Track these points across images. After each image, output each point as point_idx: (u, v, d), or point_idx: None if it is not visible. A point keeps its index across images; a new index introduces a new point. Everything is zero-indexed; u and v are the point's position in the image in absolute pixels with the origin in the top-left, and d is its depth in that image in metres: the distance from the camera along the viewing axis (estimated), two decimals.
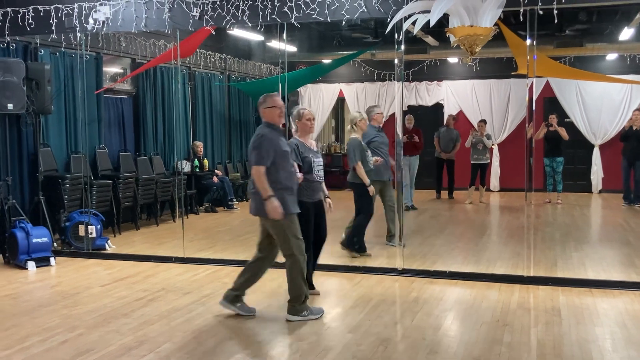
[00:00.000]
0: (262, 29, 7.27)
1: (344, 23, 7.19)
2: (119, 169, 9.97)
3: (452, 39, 5.74)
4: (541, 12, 6.27)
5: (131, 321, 5.28)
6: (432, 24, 5.54)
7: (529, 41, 6.71)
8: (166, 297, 6.05)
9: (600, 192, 13.87)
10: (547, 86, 13.67)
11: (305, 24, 7.19)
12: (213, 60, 12.76)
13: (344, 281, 6.62)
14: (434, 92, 14.89)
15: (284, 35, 7.50)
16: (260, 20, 7.04)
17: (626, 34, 11.47)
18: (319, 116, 14.81)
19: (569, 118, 13.74)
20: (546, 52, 11.22)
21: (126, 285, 6.52)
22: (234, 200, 12.03)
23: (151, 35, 10.37)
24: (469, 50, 5.59)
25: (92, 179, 8.97)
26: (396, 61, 7.13)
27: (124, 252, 8.08)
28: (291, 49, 12.19)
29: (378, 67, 14.69)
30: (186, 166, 11.34)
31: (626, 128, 12.18)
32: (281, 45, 8.01)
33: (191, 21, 7.24)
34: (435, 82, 14.82)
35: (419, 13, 5.82)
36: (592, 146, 13.85)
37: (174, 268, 7.29)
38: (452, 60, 14.42)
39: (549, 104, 13.69)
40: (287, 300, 5.31)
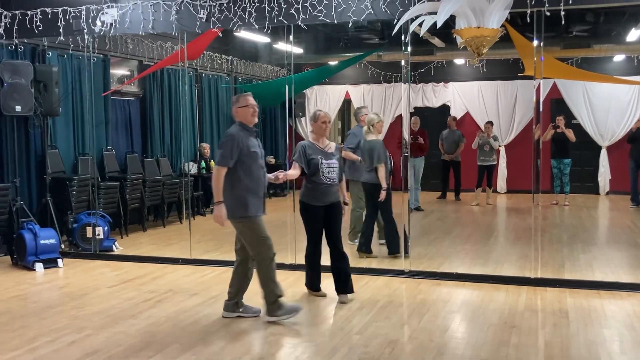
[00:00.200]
0: (269, 31, 7.27)
1: (350, 25, 7.18)
2: (126, 170, 10.00)
3: (458, 40, 5.73)
4: (548, 14, 6.25)
5: (139, 322, 5.30)
6: (438, 25, 5.53)
7: (535, 42, 6.69)
8: (173, 298, 6.07)
9: (608, 193, 13.80)
10: (554, 88, 13.61)
11: (311, 25, 7.19)
12: (220, 62, 12.78)
13: None
14: (440, 94, 14.85)
15: (290, 37, 7.50)
16: (267, 22, 7.06)
17: (634, 35, 11.42)
18: None
19: (576, 120, 13.67)
20: (553, 54, 11.16)
21: (134, 287, 6.54)
22: None
23: (158, 37, 10.41)
24: (476, 52, 5.57)
25: (100, 180, 9.00)
26: (403, 63, 7.14)
27: (132, 254, 8.11)
28: (298, 50, 12.21)
29: (384, 68, 14.67)
30: (193, 168, 11.35)
31: (633, 129, 12.16)
32: (288, 47, 8.01)
33: (198, 23, 7.27)
34: (442, 83, 14.79)
35: (425, 14, 5.80)
36: (600, 148, 13.78)
37: (181, 269, 7.30)
38: (459, 61, 14.38)
39: (556, 105, 13.64)
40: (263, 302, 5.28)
